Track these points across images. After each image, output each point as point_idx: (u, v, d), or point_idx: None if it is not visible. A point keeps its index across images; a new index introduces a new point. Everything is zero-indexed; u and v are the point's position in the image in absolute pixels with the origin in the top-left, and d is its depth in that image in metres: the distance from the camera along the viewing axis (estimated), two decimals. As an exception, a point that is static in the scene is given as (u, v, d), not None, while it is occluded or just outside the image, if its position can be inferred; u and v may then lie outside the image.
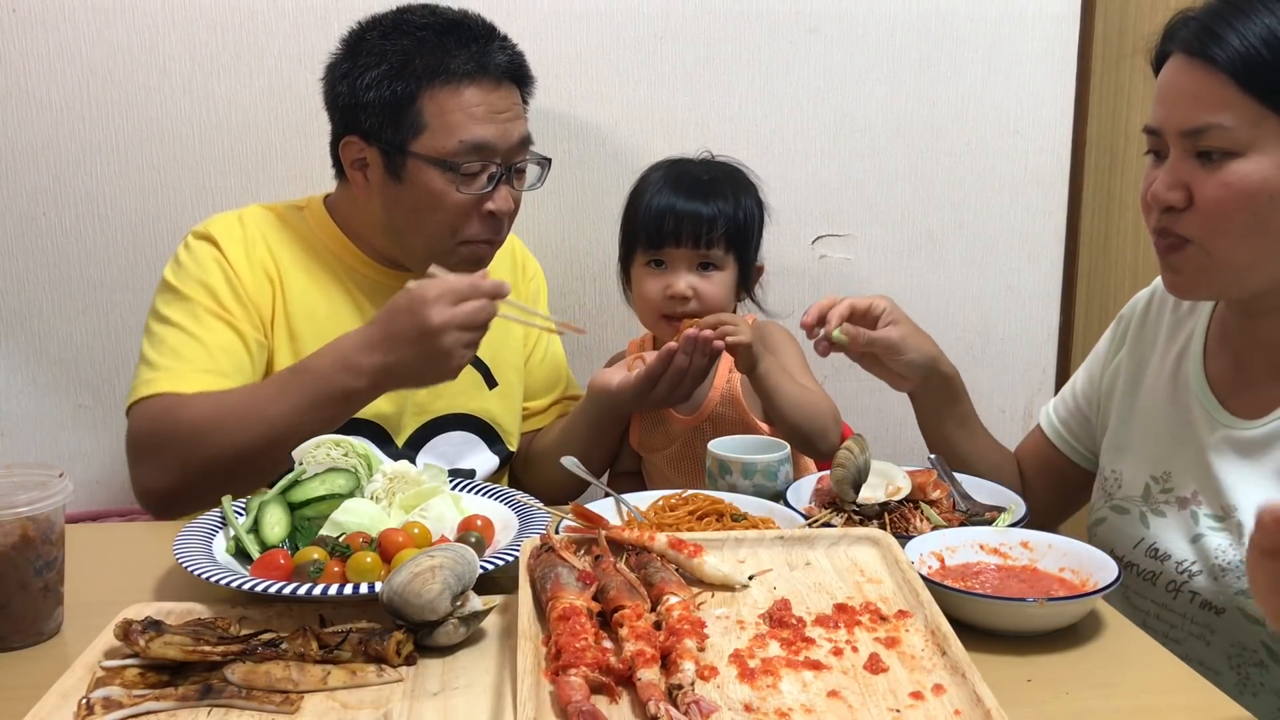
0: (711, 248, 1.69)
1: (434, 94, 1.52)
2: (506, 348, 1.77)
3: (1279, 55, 1.08)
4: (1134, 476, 1.39)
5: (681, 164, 1.78)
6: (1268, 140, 1.11)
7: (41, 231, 1.97)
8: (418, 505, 1.29)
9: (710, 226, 1.68)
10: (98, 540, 1.39)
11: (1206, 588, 1.26)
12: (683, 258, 1.69)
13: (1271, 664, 1.22)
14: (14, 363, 2.00)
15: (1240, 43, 1.09)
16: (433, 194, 1.54)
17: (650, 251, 1.71)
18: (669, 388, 1.53)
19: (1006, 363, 1.73)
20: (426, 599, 1.00)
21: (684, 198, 1.69)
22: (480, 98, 1.53)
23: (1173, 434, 1.34)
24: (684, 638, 0.93)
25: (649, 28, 2.04)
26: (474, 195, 1.54)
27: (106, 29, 1.91)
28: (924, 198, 2.18)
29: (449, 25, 1.55)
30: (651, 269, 1.72)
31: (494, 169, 1.55)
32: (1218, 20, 1.12)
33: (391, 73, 1.52)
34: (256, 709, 0.92)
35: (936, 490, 1.37)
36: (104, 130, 1.95)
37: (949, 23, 2.12)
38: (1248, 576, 0.98)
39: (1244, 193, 1.13)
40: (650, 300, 1.72)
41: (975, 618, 1.08)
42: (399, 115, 1.52)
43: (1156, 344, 1.42)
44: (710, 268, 1.71)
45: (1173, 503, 1.32)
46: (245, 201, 1.97)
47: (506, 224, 1.61)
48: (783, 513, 1.32)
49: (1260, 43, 1.09)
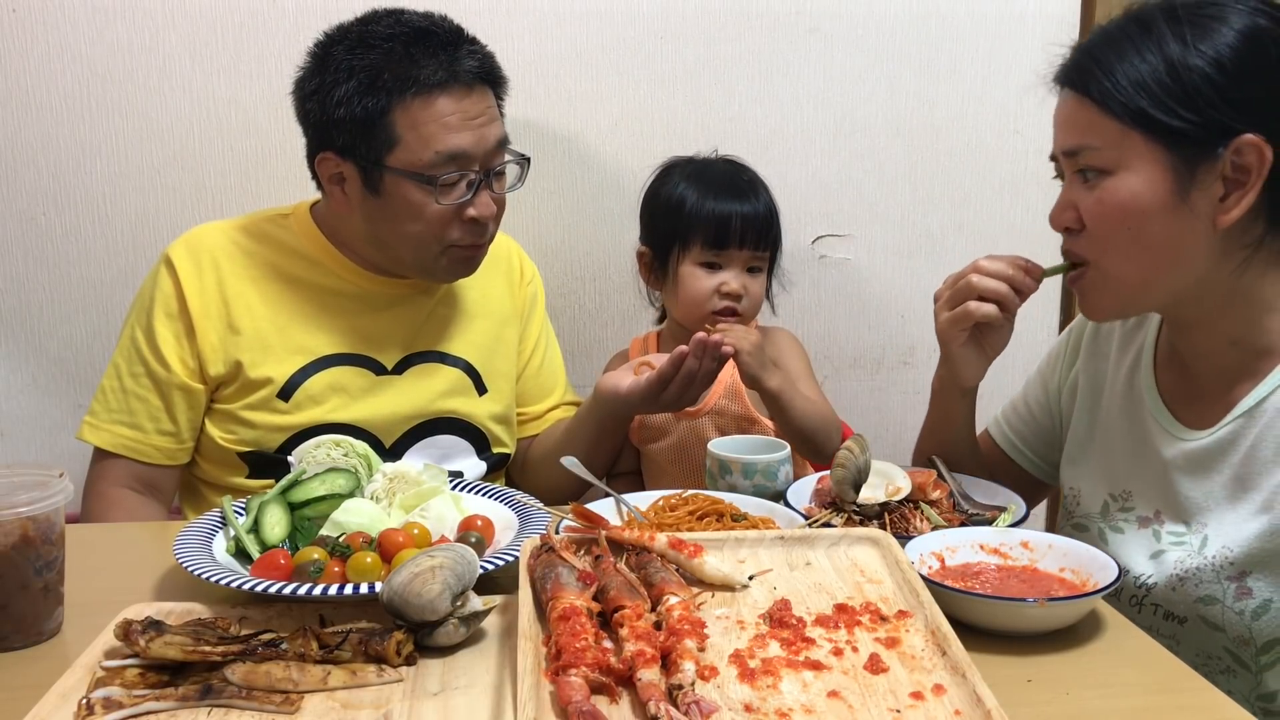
0: (763, 249, 1.76)
1: (406, 106, 1.49)
2: (499, 355, 1.76)
3: (1132, 82, 1.19)
4: (1092, 493, 1.41)
5: (711, 166, 1.80)
6: (1132, 158, 1.20)
7: (41, 231, 1.97)
8: (418, 505, 1.29)
9: (766, 230, 1.75)
10: (98, 540, 1.39)
11: (1166, 598, 1.28)
12: (739, 259, 1.75)
13: (1238, 669, 1.23)
14: (14, 363, 2.00)
15: (1102, 73, 1.21)
16: (412, 206, 1.52)
17: (709, 252, 1.74)
18: (679, 391, 1.53)
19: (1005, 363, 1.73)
20: (426, 599, 1.00)
21: (743, 203, 1.74)
22: (453, 106, 1.51)
23: (1131, 452, 1.37)
24: (684, 638, 0.93)
25: (649, 28, 2.04)
26: (454, 204, 1.53)
27: (106, 29, 1.91)
28: (924, 198, 2.18)
29: (416, 35, 1.52)
30: (705, 270, 1.75)
31: (472, 176, 1.53)
32: (1085, 56, 1.25)
33: (361, 88, 1.49)
34: (256, 709, 0.92)
35: (936, 490, 1.37)
36: (104, 130, 1.95)
37: (949, 23, 2.12)
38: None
39: (1117, 207, 1.22)
40: (701, 298, 1.75)
41: (975, 618, 1.08)
42: (372, 130, 1.50)
43: (1110, 356, 1.44)
44: (757, 269, 1.77)
45: (1133, 521, 1.34)
46: (245, 201, 1.98)
47: (492, 226, 1.61)
48: (783, 513, 1.32)
49: (1118, 73, 1.20)
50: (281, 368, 1.59)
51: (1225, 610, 1.23)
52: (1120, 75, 1.20)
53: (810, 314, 2.18)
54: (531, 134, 2.04)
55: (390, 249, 1.60)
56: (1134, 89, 1.19)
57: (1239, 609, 1.22)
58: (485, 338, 1.74)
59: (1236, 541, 1.23)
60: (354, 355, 1.63)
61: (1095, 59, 1.22)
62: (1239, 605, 1.22)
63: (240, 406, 1.59)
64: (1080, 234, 1.27)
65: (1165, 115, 1.17)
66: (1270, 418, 1.22)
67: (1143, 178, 1.20)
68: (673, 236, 1.77)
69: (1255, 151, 1.16)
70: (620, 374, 1.63)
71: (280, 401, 1.58)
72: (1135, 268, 1.24)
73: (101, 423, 1.60)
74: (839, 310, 2.20)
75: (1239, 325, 1.26)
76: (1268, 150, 1.16)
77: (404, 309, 1.67)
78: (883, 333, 2.21)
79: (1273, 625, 1.21)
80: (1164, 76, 1.17)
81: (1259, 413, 1.23)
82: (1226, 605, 1.23)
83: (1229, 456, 1.25)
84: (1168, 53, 1.18)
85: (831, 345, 2.20)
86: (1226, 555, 1.23)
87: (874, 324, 2.21)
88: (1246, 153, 1.16)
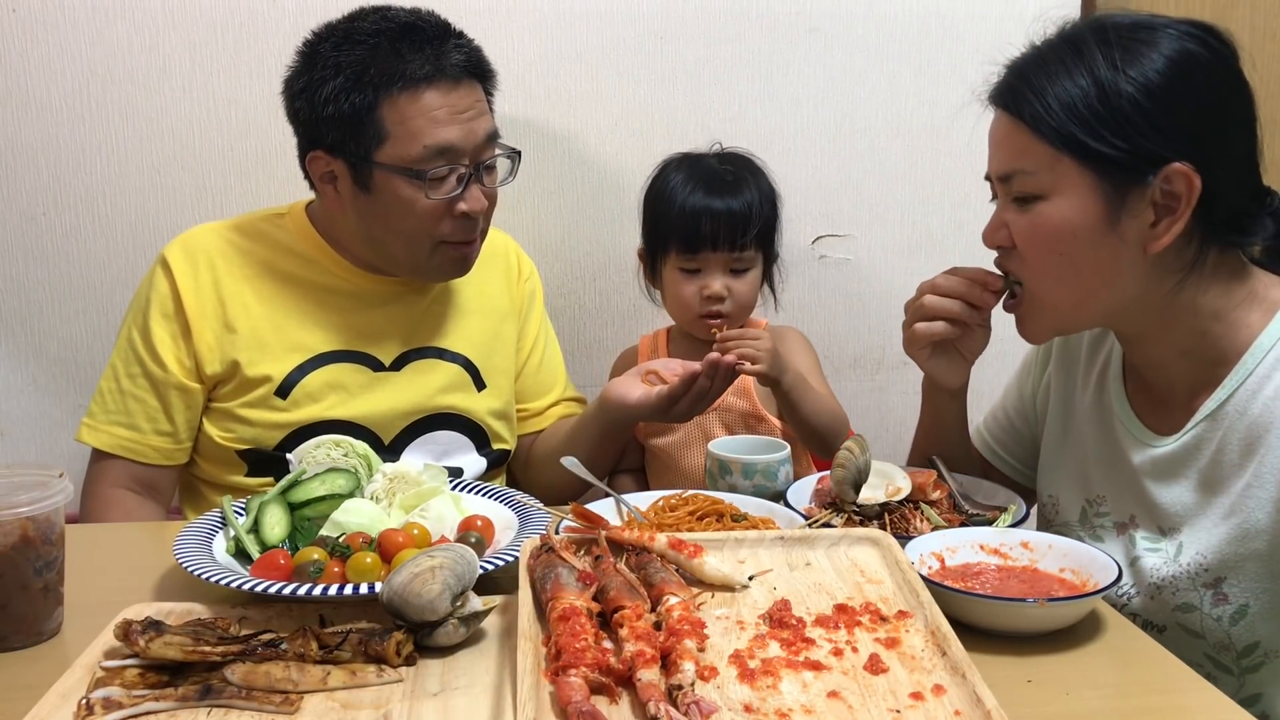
0: (744, 250, 1.74)
1: (393, 101, 1.49)
2: (497, 352, 1.76)
3: (1063, 106, 1.17)
4: (1070, 500, 1.41)
5: (701, 162, 1.80)
6: (1064, 183, 1.19)
7: (41, 231, 1.97)
8: (418, 505, 1.29)
9: (743, 231, 1.73)
10: (98, 540, 1.39)
11: (1145, 607, 1.28)
12: (717, 261, 1.74)
13: (1220, 674, 1.23)
14: (14, 363, 2.00)
15: (1034, 96, 1.19)
16: (402, 202, 1.52)
17: (684, 257, 1.75)
18: (689, 406, 1.54)
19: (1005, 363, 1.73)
20: (426, 599, 1.00)
21: (716, 201, 1.72)
22: (440, 100, 1.51)
23: (1103, 458, 1.36)
24: (684, 638, 0.93)
25: (649, 28, 2.04)
26: (445, 199, 1.53)
27: (106, 29, 1.91)
28: (924, 198, 2.18)
29: (402, 30, 1.51)
30: (685, 273, 1.76)
31: (462, 170, 1.53)
32: (1018, 76, 1.23)
33: (348, 85, 1.49)
34: (256, 709, 0.92)
35: (936, 490, 1.37)
36: (104, 130, 1.95)
37: (949, 23, 2.12)
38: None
39: (1048, 231, 1.21)
40: (686, 302, 1.77)
41: (975, 618, 1.08)
42: (360, 126, 1.50)
43: (1080, 361, 1.44)
44: (742, 270, 1.76)
45: (1110, 527, 1.34)
46: (245, 201, 1.98)
47: (483, 221, 1.60)
48: (783, 513, 1.32)
49: (1049, 96, 1.18)
50: (279, 365, 1.59)
51: (1204, 617, 1.23)
52: (1051, 99, 1.18)
53: (810, 314, 2.18)
54: (531, 134, 2.04)
55: (383, 247, 1.60)
56: (1065, 113, 1.17)
57: (1216, 615, 1.22)
58: (483, 334, 1.74)
59: (1209, 547, 1.22)
60: (351, 352, 1.63)
61: (1027, 81, 1.21)
62: (1216, 611, 1.22)
63: (238, 405, 1.59)
64: (1012, 252, 1.27)
65: (1095, 141, 1.16)
66: (1232, 421, 1.22)
67: (1074, 203, 1.19)
68: (656, 238, 1.78)
69: (1184, 180, 1.15)
70: (629, 383, 1.62)
71: (278, 399, 1.58)
72: (1067, 291, 1.24)
73: (99, 424, 1.61)
74: (839, 310, 2.20)
75: (1186, 338, 1.25)
76: (1196, 179, 1.15)
77: (401, 306, 1.67)
78: (883, 333, 2.21)
79: (1251, 629, 1.21)
80: (1094, 101, 1.16)
81: (1221, 416, 1.23)
82: (1204, 612, 1.23)
83: (1195, 462, 1.25)
84: (1098, 76, 1.16)
85: (831, 345, 2.20)
86: (1201, 562, 1.23)
87: (874, 324, 2.21)
88: (1176, 181, 1.15)
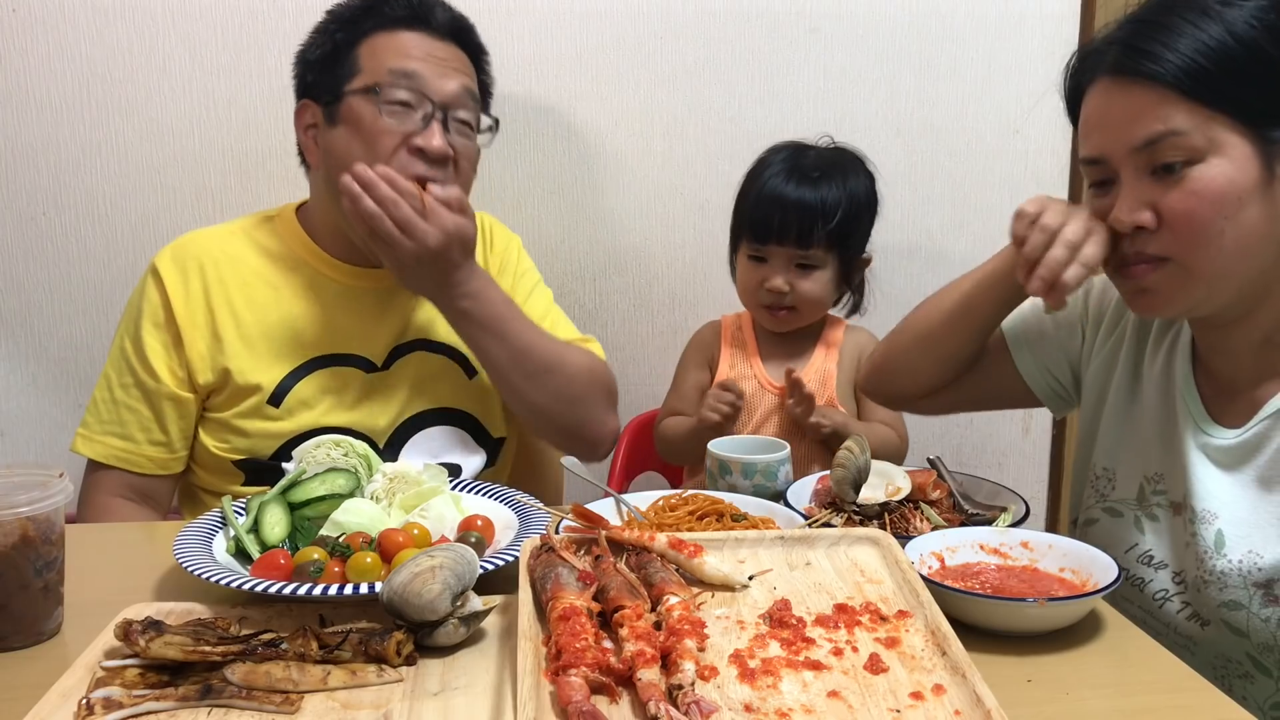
0: (811, 248, 1.75)
1: (371, 41, 1.54)
2: None
3: (1214, 61, 1.10)
4: (1128, 476, 1.36)
5: (802, 153, 1.81)
6: (1222, 140, 1.12)
7: (41, 231, 1.97)
8: (418, 505, 1.29)
9: (811, 228, 1.74)
10: (98, 540, 1.39)
11: (1194, 599, 1.25)
12: (783, 255, 1.77)
13: (1258, 674, 1.22)
14: (14, 363, 2.00)
15: (1174, 55, 1.11)
16: (360, 126, 1.52)
17: (753, 245, 1.78)
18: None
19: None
20: (426, 599, 1.00)
21: (791, 196, 1.74)
22: (416, 42, 1.54)
23: (1162, 434, 1.33)
24: (684, 638, 0.93)
25: (649, 28, 2.04)
26: (401, 131, 1.51)
27: (106, 29, 1.92)
28: (924, 198, 2.18)
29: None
30: (752, 260, 1.79)
31: (428, 108, 1.52)
32: (1143, 39, 1.14)
33: (333, 26, 1.57)
34: (256, 709, 0.92)
35: (936, 490, 1.37)
36: (104, 130, 1.95)
37: (949, 23, 2.12)
38: None
39: (1213, 198, 1.12)
40: (750, 289, 1.81)
41: (975, 618, 1.08)
42: (337, 63, 1.55)
43: (1151, 332, 1.39)
44: (809, 267, 1.77)
45: (1166, 506, 1.31)
46: (246, 202, 1.98)
47: (452, 173, 1.55)
48: (783, 513, 1.32)
49: (1195, 53, 1.11)
50: (270, 374, 1.58)
51: (1251, 616, 1.20)
52: (1197, 55, 1.10)
53: (810, 314, 2.18)
54: (532, 134, 2.04)
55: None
56: (1216, 68, 1.10)
57: (1265, 616, 1.19)
58: None
59: (1264, 547, 1.19)
60: (343, 355, 1.63)
61: (1159, 42, 1.13)
62: (1265, 613, 1.19)
63: (232, 415, 1.58)
64: (1155, 233, 1.17)
65: (1252, 94, 1.10)
66: None
67: (1234, 163, 1.11)
68: (737, 219, 1.83)
69: None
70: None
71: (271, 408, 1.58)
72: (1225, 259, 1.15)
73: (94, 434, 1.60)
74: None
75: (1274, 321, 1.22)
76: None
77: (388, 303, 1.66)
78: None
79: None
80: (1239, 54, 1.09)
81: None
82: (1252, 611, 1.20)
83: (1254, 458, 1.22)
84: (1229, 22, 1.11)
85: (831, 345, 2.20)
86: (1255, 562, 1.20)
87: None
88: None
